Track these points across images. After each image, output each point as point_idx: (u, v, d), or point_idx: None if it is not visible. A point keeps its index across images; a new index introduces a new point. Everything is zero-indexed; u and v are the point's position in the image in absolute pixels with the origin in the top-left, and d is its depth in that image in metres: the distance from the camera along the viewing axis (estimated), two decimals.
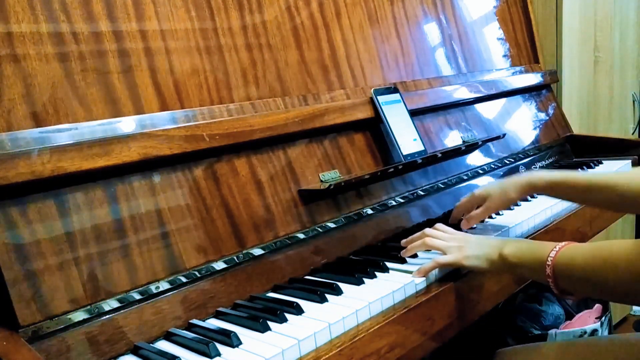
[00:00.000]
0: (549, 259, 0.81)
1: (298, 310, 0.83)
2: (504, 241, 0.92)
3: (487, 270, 0.92)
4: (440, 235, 0.99)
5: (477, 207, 1.13)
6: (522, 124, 1.72)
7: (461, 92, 1.51)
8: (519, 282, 1.10)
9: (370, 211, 1.17)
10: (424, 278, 0.92)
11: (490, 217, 1.23)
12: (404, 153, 1.23)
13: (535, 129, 1.75)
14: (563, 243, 0.83)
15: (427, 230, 1.01)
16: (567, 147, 1.84)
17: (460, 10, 1.65)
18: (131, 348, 0.79)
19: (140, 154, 0.86)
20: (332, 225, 1.09)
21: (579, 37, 2.14)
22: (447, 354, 1.24)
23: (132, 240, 0.85)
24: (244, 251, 0.96)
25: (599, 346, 0.97)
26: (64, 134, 0.82)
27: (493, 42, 1.76)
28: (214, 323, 0.86)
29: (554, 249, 0.82)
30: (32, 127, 0.81)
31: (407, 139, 1.25)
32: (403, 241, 1.04)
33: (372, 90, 1.25)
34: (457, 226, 1.13)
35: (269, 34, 1.14)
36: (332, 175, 1.13)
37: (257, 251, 0.97)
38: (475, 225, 1.18)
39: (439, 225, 1.04)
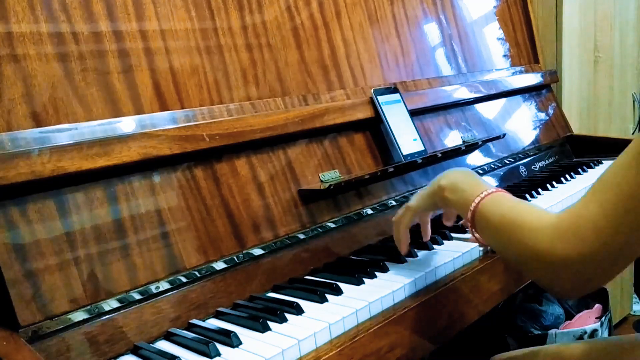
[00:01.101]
0: (472, 203, 0.82)
1: (298, 310, 0.83)
2: (446, 172, 0.93)
3: (429, 205, 0.94)
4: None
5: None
6: (522, 124, 1.72)
7: (461, 92, 1.51)
8: (519, 282, 1.10)
9: (370, 211, 1.17)
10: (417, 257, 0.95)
11: None
12: (404, 153, 1.23)
13: (535, 128, 1.75)
14: (493, 189, 0.83)
15: (393, 218, 1.02)
16: (567, 147, 1.84)
17: (460, 10, 1.65)
18: (131, 348, 0.79)
19: (140, 154, 0.86)
20: (332, 225, 1.09)
21: (579, 37, 2.14)
22: (447, 354, 1.24)
23: (132, 240, 0.85)
24: (244, 251, 0.96)
25: (595, 350, 0.97)
26: (64, 134, 0.82)
27: (493, 42, 1.76)
28: (214, 323, 0.86)
29: (480, 195, 0.82)
30: (32, 127, 0.81)
31: (407, 139, 1.25)
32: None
33: (372, 90, 1.25)
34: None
35: (269, 34, 1.14)
36: (332, 175, 1.13)
37: (257, 251, 0.97)
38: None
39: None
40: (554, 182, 1.47)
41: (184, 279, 0.87)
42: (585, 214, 0.66)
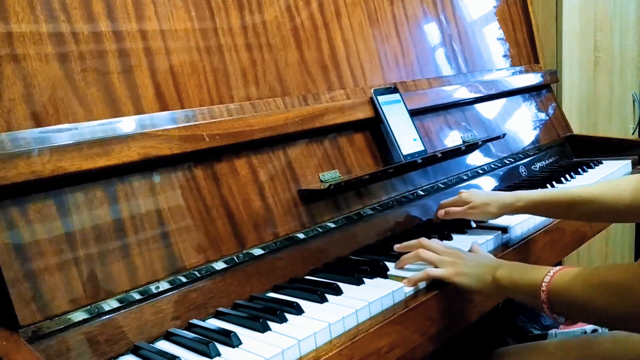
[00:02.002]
0: (543, 284, 0.79)
1: (298, 310, 0.83)
2: (498, 263, 0.91)
3: (478, 290, 0.91)
4: (435, 247, 0.97)
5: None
6: (522, 124, 1.72)
7: (461, 92, 1.51)
8: None
9: (370, 211, 1.17)
10: (413, 288, 0.91)
11: None
12: (404, 153, 1.23)
13: (535, 129, 1.75)
14: (557, 267, 0.81)
15: (424, 240, 0.99)
16: (567, 147, 1.84)
17: (460, 10, 1.65)
18: (131, 348, 0.79)
19: (140, 154, 0.86)
20: (332, 225, 1.09)
21: (579, 37, 2.14)
22: (447, 354, 1.24)
23: (132, 240, 0.85)
24: (244, 251, 0.96)
25: (597, 344, 0.97)
26: (64, 134, 0.82)
27: (493, 42, 1.76)
28: (214, 323, 0.86)
29: (548, 274, 0.80)
30: (32, 127, 0.81)
31: (407, 139, 1.25)
32: (396, 246, 1.02)
33: (372, 90, 1.25)
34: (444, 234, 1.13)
35: (269, 34, 1.14)
36: (332, 175, 1.13)
37: (257, 251, 0.97)
38: (474, 225, 1.18)
39: (435, 240, 1.02)
40: (554, 182, 1.47)
41: (184, 279, 0.87)
42: None
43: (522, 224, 1.17)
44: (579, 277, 0.76)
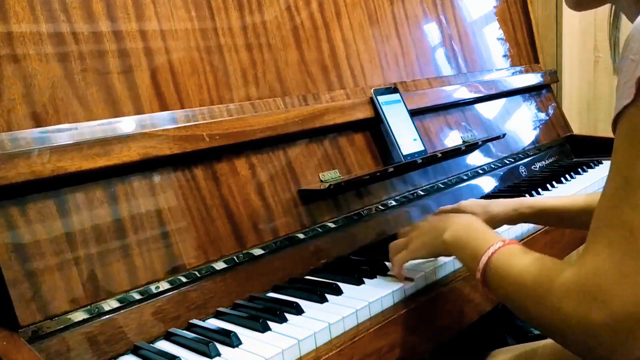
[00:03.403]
0: (483, 256, 0.74)
1: (298, 310, 0.83)
2: (447, 224, 0.86)
3: (436, 255, 0.90)
4: (405, 231, 0.98)
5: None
6: (522, 124, 1.72)
7: (461, 92, 1.51)
8: None
9: (370, 211, 1.17)
10: (412, 282, 0.91)
11: None
12: (404, 153, 1.23)
13: (535, 129, 1.75)
14: (502, 243, 0.74)
15: (391, 244, 0.96)
16: (567, 147, 1.84)
17: (460, 10, 1.65)
18: (131, 348, 0.79)
19: (140, 154, 0.86)
20: (332, 225, 1.09)
21: (579, 37, 2.14)
22: (447, 354, 1.24)
23: (132, 240, 0.85)
24: (244, 251, 0.96)
25: None
26: (64, 134, 0.82)
27: (493, 42, 1.76)
28: (214, 323, 0.86)
29: (491, 247, 0.74)
30: (32, 127, 0.81)
31: (407, 139, 1.25)
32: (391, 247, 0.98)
33: (372, 90, 1.25)
34: None
35: (269, 34, 1.14)
36: (332, 175, 1.13)
37: (257, 251, 0.97)
38: None
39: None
40: (553, 182, 1.47)
41: (184, 279, 0.87)
42: (602, 266, 0.57)
43: (522, 224, 1.17)
44: (518, 266, 0.69)
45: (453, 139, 1.44)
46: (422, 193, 1.29)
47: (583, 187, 1.40)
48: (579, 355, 0.63)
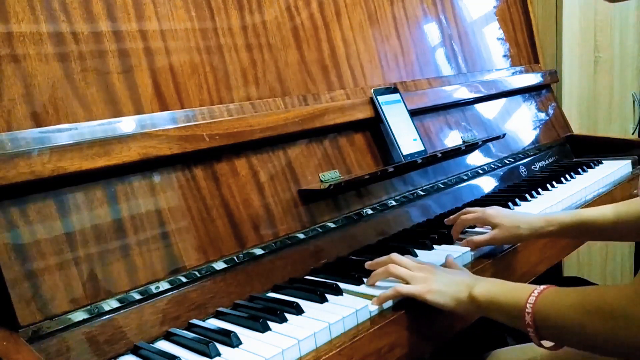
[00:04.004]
0: (528, 305, 0.72)
1: (298, 310, 0.83)
2: (475, 279, 0.85)
3: (452, 309, 0.83)
4: (407, 263, 0.91)
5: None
6: (522, 124, 1.72)
7: (461, 92, 1.51)
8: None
9: (370, 211, 1.17)
10: (378, 307, 0.85)
11: None
12: (404, 153, 1.23)
13: (535, 129, 1.75)
14: (543, 287, 0.74)
15: (394, 255, 0.92)
16: (567, 147, 1.84)
17: (460, 10, 1.65)
18: (131, 348, 0.79)
19: (140, 154, 0.86)
20: (332, 225, 1.09)
21: (579, 37, 2.14)
22: (447, 353, 1.24)
23: (132, 240, 0.85)
24: (244, 251, 0.96)
25: None
26: (64, 134, 0.82)
27: (493, 42, 1.76)
28: (214, 323, 0.86)
29: (533, 294, 0.73)
30: (32, 127, 0.81)
31: (407, 139, 1.25)
32: (367, 264, 0.95)
33: (372, 90, 1.25)
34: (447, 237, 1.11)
35: (269, 34, 1.14)
36: (332, 175, 1.13)
37: (257, 251, 0.97)
38: (477, 227, 1.17)
39: (407, 256, 0.96)
40: (554, 182, 1.47)
41: (184, 279, 0.87)
42: None
43: None
44: (569, 299, 0.69)
45: (453, 139, 1.44)
46: (422, 193, 1.29)
47: (583, 187, 1.40)
48: None
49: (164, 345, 0.81)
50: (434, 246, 1.07)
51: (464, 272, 0.91)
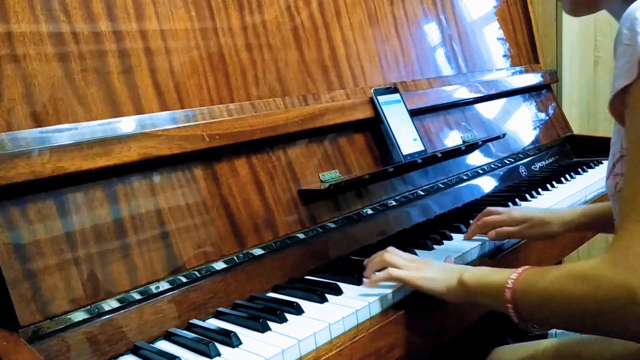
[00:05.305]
0: (509, 281, 0.74)
1: (298, 310, 0.83)
2: (464, 267, 0.87)
3: (443, 294, 0.85)
4: (402, 254, 0.92)
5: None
6: (522, 124, 1.72)
7: (461, 92, 1.51)
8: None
9: (370, 211, 1.17)
10: (378, 298, 0.86)
11: None
12: (404, 153, 1.23)
13: (535, 129, 1.75)
14: (524, 267, 0.76)
15: (391, 248, 0.94)
16: (567, 147, 1.84)
17: (460, 10, 1.65)
18: (131, 348, 0.79)
19: (140, 154, 0.86)
20: (332, 225, 1.09)
21: (579, 37, 2.14)
22: (447, 354, 1.24)
23: (132, 240, 0.85)
24: (244, 251, 0.96)
25: (596, 342, 0.97)
26: (64, 134, 0.82)
27: (493, 42, 1.76)
28: (214, 323, 0.86)
29: (516, 271, 0.75)
30: (32, 127, 0.81)
31: (407, 139, 1.25)
32: (366, 261, 0.96)
33: (372, 90, 1.25)
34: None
35: (269, 34, 1.14)
36: (332, 175, 1.13)
37: (257, 251, 0.97)
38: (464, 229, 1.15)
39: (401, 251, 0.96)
40: (554, 182, 1.47)
41: (184, 279, 0.87)
42: (634, 237, 0.60)
43: None
44: (546, 272, 0.71)
45: (453, 139, 1.44)
46: (422, 193, 1.29)
47: (583, 187, 1.40)
48: (627, 334, 0.64)
49: (164, 345, 0.81)
50: (434, 246, 1.07)
51: (455, 264, 0.93)
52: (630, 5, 0.65)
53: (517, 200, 1.30)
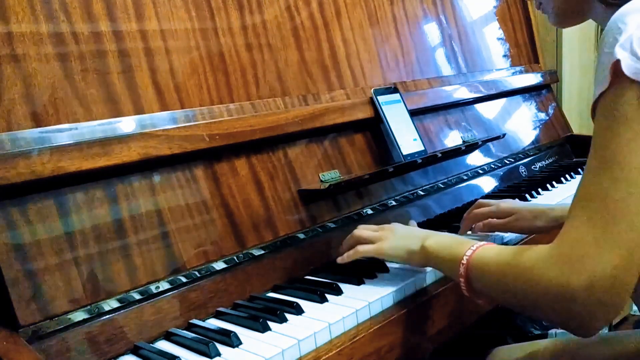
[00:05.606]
0: (464, 257, 0.76)
1: (298, 310, 0.83)
2: (429, 233, 0.89)
3: (405, 260, 0.89)
4: (370, 226, 0.97)
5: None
6: (522, 124, 1.72)
7: (461, 92, 1.51)
8: None
9: (370, 211, 1.17)
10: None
11: None
12: (404, 153, 1.23)
13: (535, 129, 1.75)
14: (483, 242, 0.78)
15: (360, 225, 0.98)
16: (567, 147, 1.84)
17: (460, 10, 1.65)
18: (131, 348, 0.79)
19: (140, 154, 0.86)
20: (332, 225, 1.09)
21: (579, 37, 2.14)
22: (447, 354, 1.24)
23: (132, 240, 0.85)
24: (244, 251, 0.96)
25: (595, 343, 0.97)
26: (64, 134, 0.82)
27: (493, 42, 1.76)
28: (214, 323, 0.86)
29: (472, 247, 0.77)
30: (32, 127, 0.81)
31: (407, 139, 1.25)
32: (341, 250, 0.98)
33: (372, 90, 1.25)
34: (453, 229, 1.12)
35: (269, 34, 1.14)
36: (332, 175, 1.13)
37: (257, 251, 0.97)
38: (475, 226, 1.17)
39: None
40: (553, 182, 1.47)
41: (184, 279, 0.87)
42: (583, 236, 0.62)
43: None
44: (498, 254, 0.73)
45: (453, 139, 1.44)
46: (422, 193, 1.29)
47: None
48: (561, 326, 0.67)
49: (164, 345, 0.81)
50: None
51: (421, 229, 0.95)
52: (615, 13, 0.66)
53: (517, 200, 1.30)
